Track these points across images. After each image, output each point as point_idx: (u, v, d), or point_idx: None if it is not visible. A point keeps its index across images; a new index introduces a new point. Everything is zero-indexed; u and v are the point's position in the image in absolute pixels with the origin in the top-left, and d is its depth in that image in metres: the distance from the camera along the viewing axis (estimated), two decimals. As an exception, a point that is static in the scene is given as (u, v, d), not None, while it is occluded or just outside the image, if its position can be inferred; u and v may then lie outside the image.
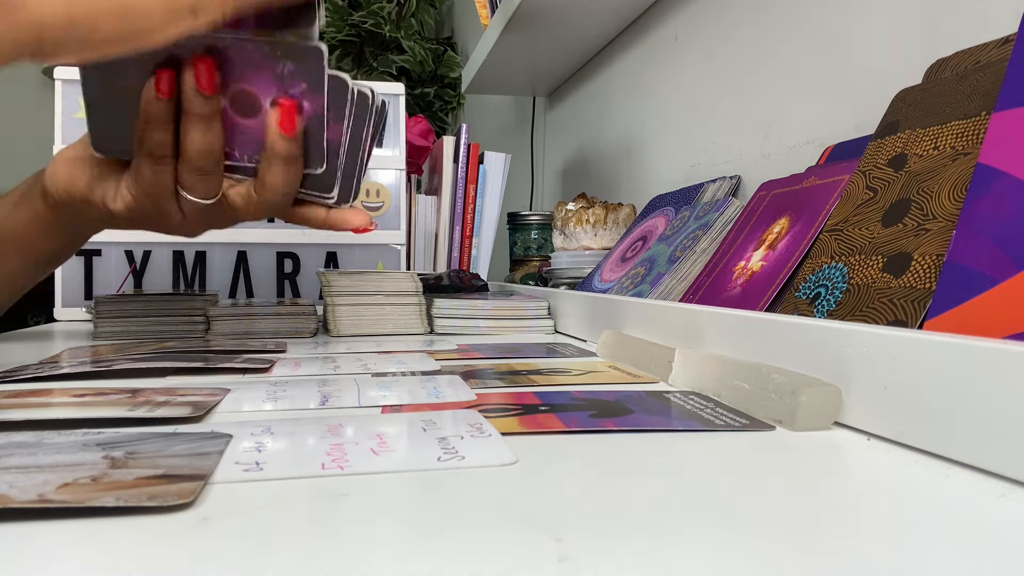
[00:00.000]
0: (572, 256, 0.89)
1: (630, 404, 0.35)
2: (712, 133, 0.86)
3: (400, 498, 0.22)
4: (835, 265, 0.45)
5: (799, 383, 0.31)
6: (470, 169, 1.13)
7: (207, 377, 0.43)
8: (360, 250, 0.95)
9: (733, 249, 0.61)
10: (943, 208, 0.39)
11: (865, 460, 0.27)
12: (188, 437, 0.28)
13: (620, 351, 0.51)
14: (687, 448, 0.28)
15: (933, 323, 0.35)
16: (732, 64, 0.82)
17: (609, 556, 0.18)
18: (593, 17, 1.09)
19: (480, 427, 0.30)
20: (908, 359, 0.28)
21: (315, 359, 0.50)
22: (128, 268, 0.88)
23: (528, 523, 0.20)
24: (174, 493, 0.21)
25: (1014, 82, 0.37)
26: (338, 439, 0.28)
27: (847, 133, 0.61)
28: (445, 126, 2.41)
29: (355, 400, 0.36)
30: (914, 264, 0.39)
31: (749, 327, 0.39)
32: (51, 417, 0.31)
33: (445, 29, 2.70)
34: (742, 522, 0.20)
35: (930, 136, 0.43)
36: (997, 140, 0.36)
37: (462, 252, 1.14)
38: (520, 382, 0.41)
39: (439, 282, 0.86)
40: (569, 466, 0.26)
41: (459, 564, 0.17)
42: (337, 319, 0.67)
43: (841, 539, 0.19)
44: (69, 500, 0.20)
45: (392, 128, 0.96)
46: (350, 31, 2.28)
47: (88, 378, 0.42)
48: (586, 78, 1.32)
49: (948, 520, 0.21)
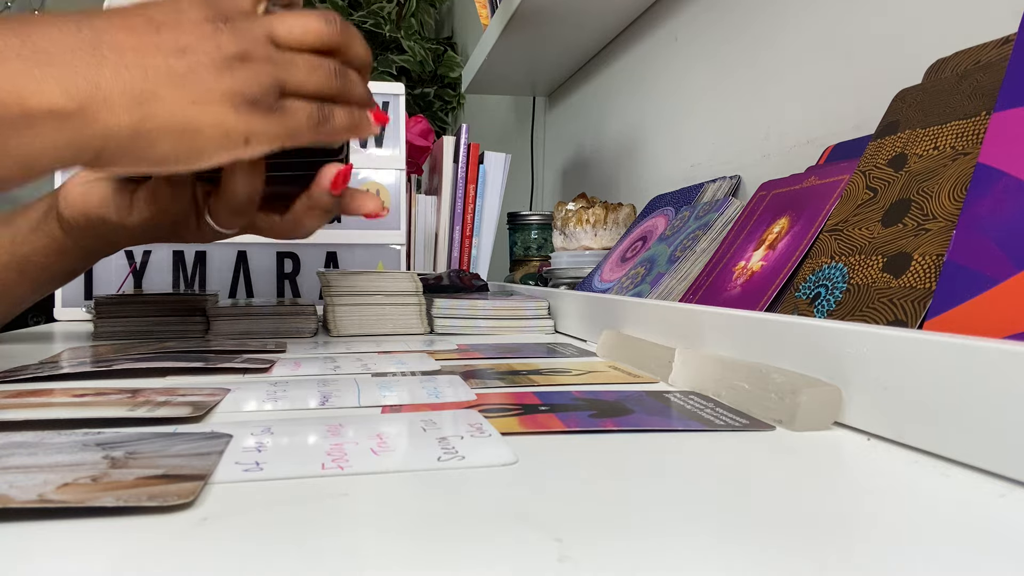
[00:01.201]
0: (572, 256, 0.89)
1: (630, 404, 0.35)
2: (712, 133, 0.86)
3: (400, 498, 0.22)
4: (835, 265, 0.45)
5: (799, 383, 0.31)
6: (470, 169, 1.13)
7: (207, 377, 0.43)
8: (360, 250, 0.95)
9: (733, 249, 0.61)
10: (943, 208, 0.39)
11: (865, 460, 0.27)
12: (188, 437, 0.28)
13: (620, 351, 0.51)
14: (687, 448, 0.28)
15: (933, 323, 0.35)
16: (732, 64, 0.82)
17: (609, 556, 0.18)
18: (593, 17, 1.09)
19: (480, 427, 0.30)
20: (908, 359, 0.28)
21: (315, 359, 0.50)
22: (128, 268, 0.88)
23: (528, 523, 0.20)
24: (174, 493, 0.21)
25: (1014, 82, 0.37)
26: (338, 439, 0.28)
27: (847, 133, 0.61)
28: (445, 126, 2.41)
29: (355, 400, 0.36)
30: (914, 264, 0.39)
31: (749, 327, 0.39)
32: (51, 417, 0.31)
33: (445, 29, 2.70)
34: (742, 522, 0.20)
35: (930, 136, 0.43)
36: (997, 140, 0.36)
37: (462, 252, 1.14)
38: (520, 382, 0.41)
39: (439, 282, 0.86)
40: (569, 466, 0.26)
41: (459, 564, 0.17)
42: (337, 319, 0.67)
43: (841, 539, 0.19)
44: (69, 500, 0.20)
45: (392, 128, 0.96)
46: (350, 31, 2.28)
47: (88, 378, 0.42)
48: (586, 78, 1.32)
49: (948, 520, 0.21)
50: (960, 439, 0.25)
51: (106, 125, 0.33)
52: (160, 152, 0.35)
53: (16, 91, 0.31)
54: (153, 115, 0.34)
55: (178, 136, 0.35)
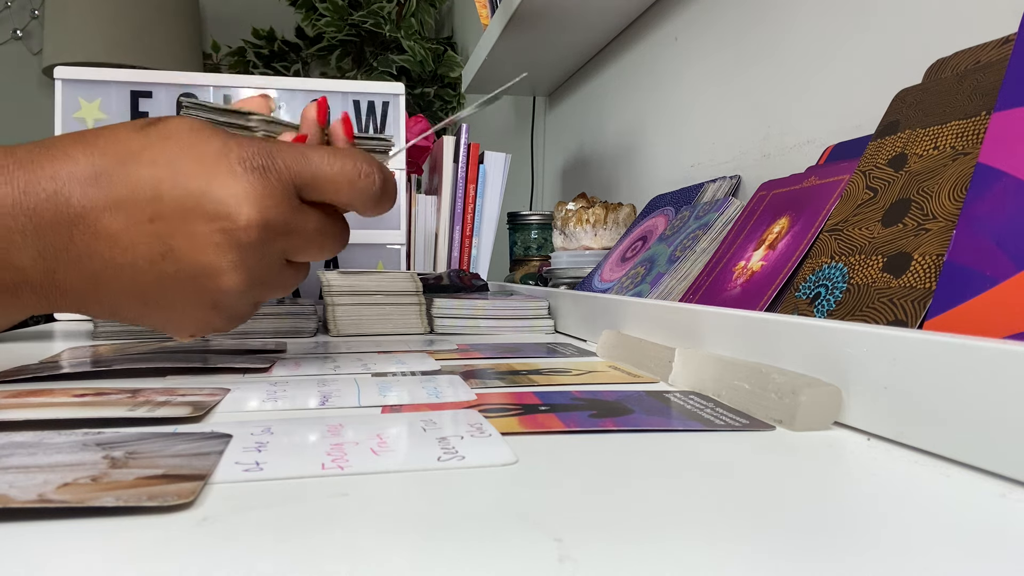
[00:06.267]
0: (572, 256, 0.89)
1: (630, 404, 0.35)
2: (712, 133, 0.86)
3: (400, 498, 0.22)
4: (835, 265, 0.45)
5: (799, 383, 0.31)
6: (470, 169, 1.13)
7: (207, 377, 0.43)
8: (360, 250, 0.95)
9: (733, 249, 0.61)
10: (943, 208, 0.39)
11: (865, 460, 0.27)
12: (188, 437, 0.28)
13: (620, 351, 0.51)
14: (687, 448, 0.28)
15: (933, 323, 0.35)
16: (732, 64, 0.82)
17: (609, 556, 0.18)
18: (593, 17, 1.09)
19: (480, 427, 0.30)
20: (908, 359, 0.28)
21: (315, 359, 0.50)
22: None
23: (528, 523, 0.20)
24: (174, 493, 0.21)
25: (1014, 82, 0.37)
26: (338, 439, 0.28)
27: (847, 133, 0.61)
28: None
29: (355, 400, 0.36)
30: (914, 264, 0.39)
31: (749, 327, 0.39)
32: (51, 417, 0.31)
33: (445, 29, 2.70)
34: (742, 522, 0.20)
35: (930, 136, 0.43)
36: (997, 140, 0.36)
37: (462, 252, 1.14)
38: (520, 382, 0.41)
39: (439, 282, 0.86)
40: (569, 466, 0.26)
41: (459, 564, 0.17)
42: (337, 319, 0.67)
43: (841, 539, 0.19)
44: (69, 500, 0.20)
45: (392, 128, 0.96)
46: (350, 31, 2.28)
47: (88, 378, 0.42)
48: (586, 78, 1.32)
49: (948, 520, 0.21)
50: (960, 439, 0.25)
51: (74, 301, 0.35)
52: (130, 320, 0.37)
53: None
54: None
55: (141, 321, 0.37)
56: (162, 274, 0.34)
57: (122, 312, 0.36)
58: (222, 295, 0.35)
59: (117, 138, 0.34)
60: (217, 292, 0.35)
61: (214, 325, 0.38)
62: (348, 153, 0.38)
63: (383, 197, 0.39)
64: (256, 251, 0.35)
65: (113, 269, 0.33)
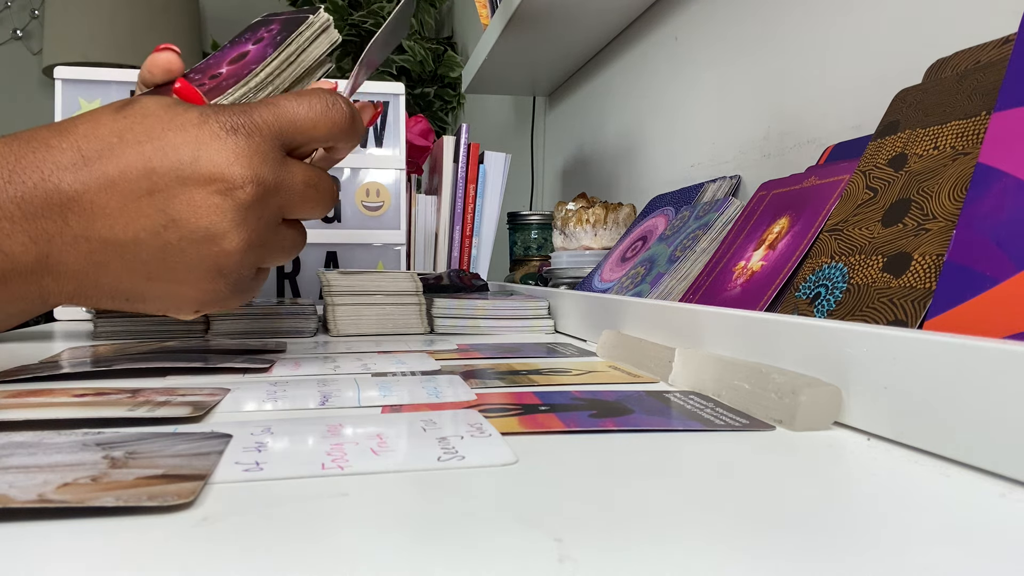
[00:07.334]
0: (572, 256, 0.89)
1: (630, 404, 0.35)
2: (712, 133, 0.86)
3: (400, 498, 0.22)
4: (835, 265, 0.45)
5: (799, 383, 0.31)
6: (470, 169, 1.13)
7: (207, 377, 0.43)
8: (360, 250, 0.95)
9: (733, 249, 0.61)
10: (943, 208, 0.39)
11: (865, 460, 0.27)
12: (188, 437, 0.28)
13: (620, 351, 0.51)
14: (687, 448, 0.28)
15: (933, 323, 0.35)
16: (732, 64, 0.82)
17: (609, 556, 0.18)
18: (593, 17, 1.09)
19: (480, 427, 0.30)
20: (908, 359, 0.28)
21: (315, 359, 0.50)
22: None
23: (528, 523, 0.20)
24: (174, 493, 0.21)
25: (1014, 82, 0.37)
26: (338, 439, 0.28)
27: (847, 133, 0.61)
28: (445, 126, 2.41)
29: (355, 400, 0.36)
30: (914, 264, 0.39)
31: (749, 327, 0.39)
32: (51, 417, 0.31)
33: (445, 29, 2.70)
34: (742, 522, 0.20)
35: (930, 136, 0.43)
36: (997, 140, 0.36)
37: (462, 252, 1.14)
38: (520, 382, 0.41)
39: (439, 282, 0.86)
40: (569, 466, 0.26)
41: (459, 564, 0.17)
42: (337, 319, 0.67)
43: (841, 539, 0.19)
44: (69, 500, 0.20)
45: (392, 128, 0.96)
46: (350, 31, 2.28)
47: (88, 378, 0.42)
48: (586, 78, 1.32)
49: (948, 520, 0.21)
50: (960, 439, 0.25)
51: (56, 302, 0.35)
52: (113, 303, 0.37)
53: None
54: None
55: (133, 304, 0.37)
56: (166, 244, 0.35)
57: (123, 292, 0.36)
58: (226, 257, 0.36)
59: (98, 122, 0.35)
60: (221, 255, 0.36)
61: (220, 295, 0.38)
62: (311, 92, 0.39)
63: (354, 122, 0.41)
64: (254, 209, 0.36)
65: (114, 247, 0.34)
